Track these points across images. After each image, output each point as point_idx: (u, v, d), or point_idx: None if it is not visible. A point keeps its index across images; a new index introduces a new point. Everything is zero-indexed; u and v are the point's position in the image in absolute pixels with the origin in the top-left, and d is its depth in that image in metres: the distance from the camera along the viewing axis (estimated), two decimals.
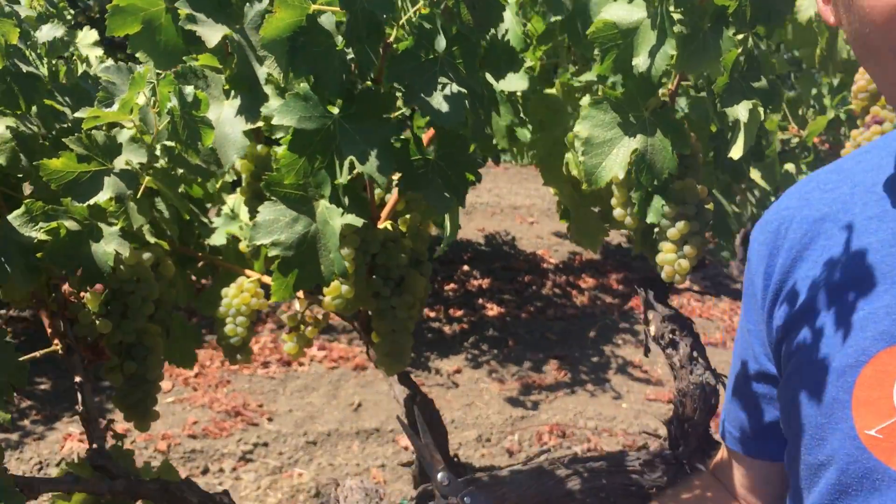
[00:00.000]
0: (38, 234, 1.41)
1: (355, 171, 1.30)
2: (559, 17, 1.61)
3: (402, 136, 1.34)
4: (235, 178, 2.06)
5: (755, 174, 2.11)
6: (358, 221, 1.38)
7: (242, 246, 1.85)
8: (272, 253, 1.40)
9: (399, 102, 1.30)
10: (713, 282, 6.89)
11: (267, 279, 1.83)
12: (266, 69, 1.57)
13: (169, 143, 1.46)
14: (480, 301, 6.52)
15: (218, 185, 1.95)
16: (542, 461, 1.53)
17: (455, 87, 1.23)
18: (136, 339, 1.58)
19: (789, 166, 2.34)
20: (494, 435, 4.76)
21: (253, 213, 1.70)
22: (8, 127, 1.45)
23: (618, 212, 1.59)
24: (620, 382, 5.34)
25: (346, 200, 1.34)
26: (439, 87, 1.23)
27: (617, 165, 1.42)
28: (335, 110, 1.31)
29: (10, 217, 1.41)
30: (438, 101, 1.23)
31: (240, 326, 1.80)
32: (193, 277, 1.97)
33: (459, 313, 6.25)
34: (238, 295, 1.80)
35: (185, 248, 1.91)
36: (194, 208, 1.77)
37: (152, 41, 1.59)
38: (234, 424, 4.63)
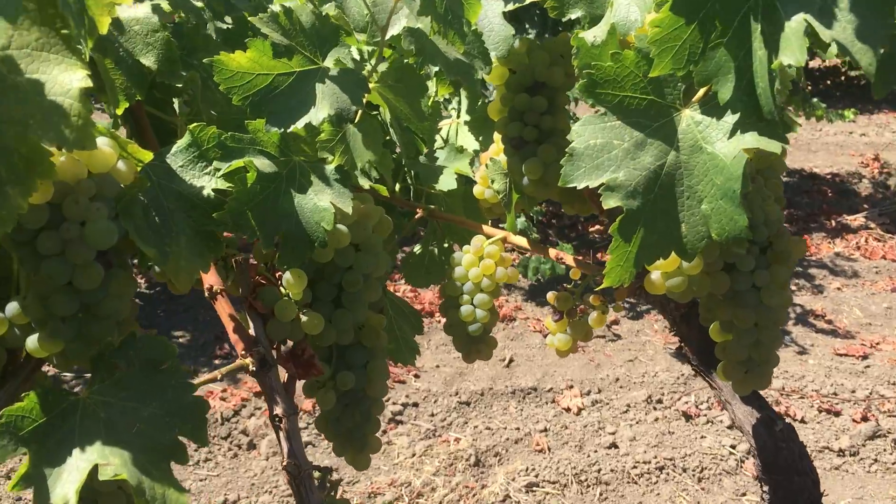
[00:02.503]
0: (211, 181, 0.83)
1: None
2: None
3: None
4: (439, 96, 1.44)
5: None
6: (774, 146, 0.73)
7: (478, 191, 1.24)
8: (610, 202, 0.78)
9: None
10: (892, 218, 5.94)
11: (517, 240, 1.21)
12: None
13: (414, 25, 0.84)
14: None
15: (430, 103, 1.33)
16: None
17: None
18: (354, 338, 1.00)
19: None
20: (666, 395, 4.12)
21: (515, 141, 1.08)
22: (155, 8, 0.86)
23: None
24: (803, 335, 4.59)
25: (769, 99, 0.69)
26: None
27: None
28: None
29: (168, 155, 0.83)
30: None
31: (481, 308, 1.20)
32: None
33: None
34: (476, 263, 1.20)
35: (389, 196, 1.31)
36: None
37: None
38: None
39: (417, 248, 1.39)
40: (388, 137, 1.29)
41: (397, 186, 1.36)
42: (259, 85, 0.82)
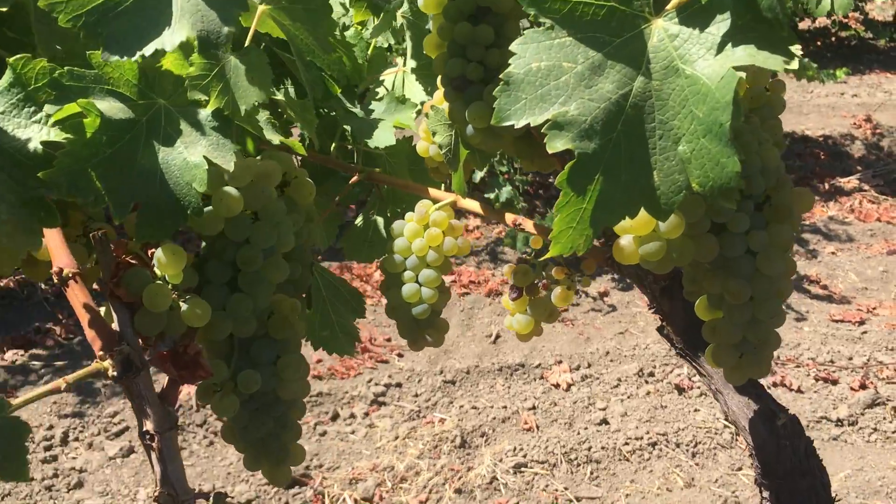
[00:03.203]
0: (41, 131, 0.63)
1: None
2: None
3: None
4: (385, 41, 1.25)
5: None
6: (775, 62, 0.54)
7: (422, 147, 1.03)
8: (556, 144, 0.58)
9: None
10: (886, 180, 5.75)
11: (469, 203, 1.01)
12: None
13: None
14: None
15: (370, 51, 1.13)
16: None
17: None
18: (259, 328, 0.80)
19: None
20: (658, 368, 3.95)
21: (456, 82, 0.87)
22: None
23: None
24: (798, 302, 4.41)
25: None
26: None
27: None
28: None
29: None
30: None
31: (427, 286, 1.00)
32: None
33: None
34: (420, 233, 1.00)
35: (322, 156, 1.11)
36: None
37: None
38: (363, 362, 3.95)
39: (359, 220, 1.19)
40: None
41: (333, 146, 1.16)
42: (93, 0, 0.62)
